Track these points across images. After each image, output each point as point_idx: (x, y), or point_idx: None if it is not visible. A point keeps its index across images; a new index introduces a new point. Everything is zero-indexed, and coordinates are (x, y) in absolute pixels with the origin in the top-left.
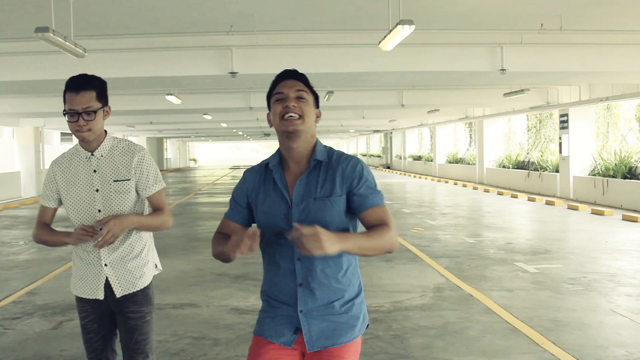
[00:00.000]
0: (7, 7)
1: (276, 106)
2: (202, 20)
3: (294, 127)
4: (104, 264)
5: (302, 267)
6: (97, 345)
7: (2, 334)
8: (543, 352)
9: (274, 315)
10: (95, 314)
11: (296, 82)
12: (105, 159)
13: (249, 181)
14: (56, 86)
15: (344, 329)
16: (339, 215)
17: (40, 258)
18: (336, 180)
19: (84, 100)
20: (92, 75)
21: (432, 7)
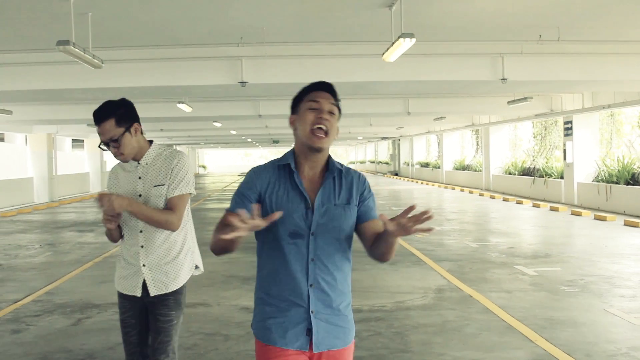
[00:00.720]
0: (27, 20)
1: (308, 114)
2: (213, 32)
3: (321, 144)
4: (142, 264)
5: (314, 267)
6: (133, 340)
7: (25, 329)
8: (535, 348)
9: (284, 320)
10: (134, 310)
11: (331, 97)
12: (150, 166)
13: (262, 178)
14: (73, 95)
15: (344, 332)
16: (351, 222)
17: (57, 261)
18: (352, 191)
19: (106, 131)
20: (110, 103)
21: (433, 20)
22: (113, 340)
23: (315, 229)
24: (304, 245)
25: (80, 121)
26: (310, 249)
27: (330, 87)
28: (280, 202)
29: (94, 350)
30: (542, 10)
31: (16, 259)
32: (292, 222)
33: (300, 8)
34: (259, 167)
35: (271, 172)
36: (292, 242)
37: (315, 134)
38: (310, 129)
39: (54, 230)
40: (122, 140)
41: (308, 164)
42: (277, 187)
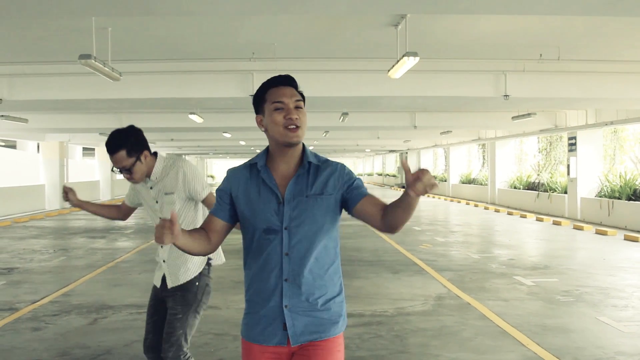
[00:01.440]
0: (50, 34)
1: (276, 115)
2: (226, 47)
3: (298, 138)
4: (163, 260)
5: (289, 261)
6: (149, 327)
7: (44, 327)
8: (527, 351)
9: (259, 316)
10: (154, 300)
11: (293, 91)
12: (159, 179)
13: (233, 180)
14: (89, 105)
15: (327, 324)
16: (327, 212)
17: (70, 265)
18: (328, 181)
19: (118, 161)
20: (120, 134)
21: (437, 39)
22: (128, 338)
23: (289, 223)
24: (278, 240)
25: (93, 130)
26: (284, 243)
27: (288, 79)
28: (252, 200)
29: (110, 347)
30: (542, 31)
31: (31, 262)
32: (265, 219)
33: (309, 26)
34: (234, 169)
35: (243, 172)
36: (267, 237)
37: (290, 129)
38: (283, 127)
39: (66, 236)
40: (134, 168)
41: (283, 160)
42: (248, 185)
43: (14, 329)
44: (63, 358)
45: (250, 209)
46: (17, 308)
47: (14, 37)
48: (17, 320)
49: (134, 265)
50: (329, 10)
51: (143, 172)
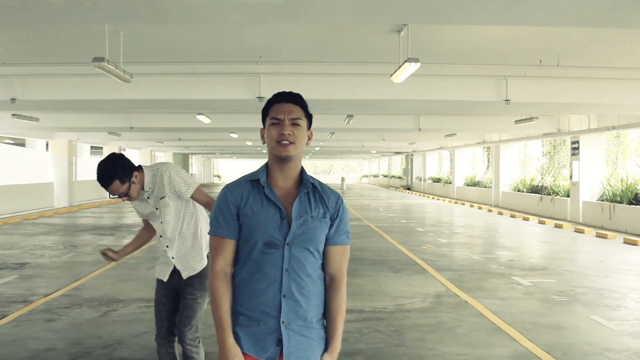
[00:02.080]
0: (64, 37)
1: (271, 130)
2: (234, 51)
3: (287, 152)
4: (172, 257)
5: (289, 278)
6: (162, 315)
7: (57, 319)
8: (518, 347)
9: (255, 329)
10: (165, 291)
11: (293, 107)
12: (152, 188)
13: (235, 193)
14: (100, 105)
15: (315, 346)
16: (324, 234)
17: (80, 261)
18: (327, 207)
19: (114, 191)
20: (108, 166)
21: (439, 45)
22: (138, 330)
23: (292, 240)
24: (279, 255)
25: (101, 129)
26: (285, 259)
27: (292, 97)
28: (256, 214)
29: (121, 338)
30: (541, 38)
31: (42, 258)
32: (267, 233)
33: (315, 31)
34: (232, 184)
35: (244, 187)
36: (267, 251)
37: (281, 144)
38: (275, 141)
39: (75, 233)
40: (130, 191)
41: (281, 176)
42: (250, 200)
43: (28, 320)
44: (76, 347)
45: (253, 222)
46: (31, 300)
47: (28, 39)
48: (31, 312)
49: (142, 261)
50: (333, 18)
51: (138, 189)
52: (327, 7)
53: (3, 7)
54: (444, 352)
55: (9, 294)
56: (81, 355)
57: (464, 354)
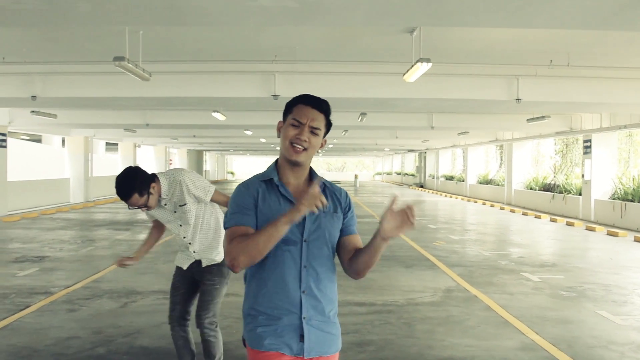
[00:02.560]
0: (85, 37)
1: (289, 130)
2: (250, 50)
3: (297, 158)
4: (193, 251)
5: (307, 274)
6: (176, 299)
7: (78, 309)
8: (525, 339)
9: (276, 327)
10: (183, 277)
11: (317, 115)
12: (169, 195)
13: (252, 189)
14: (119, 102)
15: (333, 339)
16: (337, 229)
17: (98, 255)
18: (336, 203)
19: (134, 203)
20: (126, 180)
21: (450, 45)
22: (157, 320)
23: (308, 236)
24: (297, 252)
25: (117, 126)
26: (303, 255)
27: (317, 102)
28: (273, 212)
29: (141, 327)
30: (551, 38)
31: (61, 252)
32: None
33: (329, 32)
34: (246, 182)
35: (258, 185)
36: (286, 249)
37: (294, 149)
38: (289, 142)
39: (92, 228)
40: (148, 202)
41: (293, 175)
42: (267, 198)
43: (51, 310)
44: (98, 336)
45: (269, 218)
46: (52, 292)
47: (48, 39)
48: (53, 303)
49: (158, 256)
50: (347, 21)
51: (156, 199)
52: (340, 11)
53: (32, 10)
54: (453, 344)
55: (31, 286)
56: (103, 344)
57: (472, 346)
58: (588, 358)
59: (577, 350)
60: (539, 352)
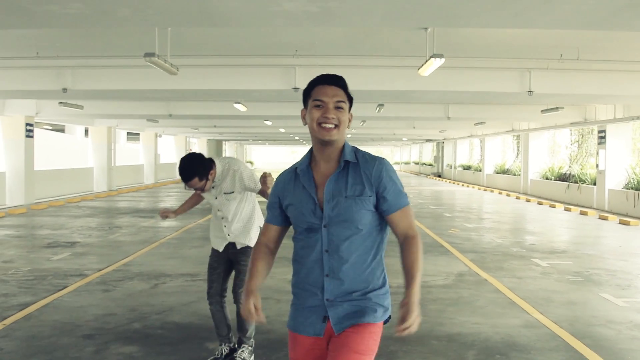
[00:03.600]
0: (114, 33)
1: (314, 112)
2: (272, 45)
3: (330, 136)
4: (227, 234)
5: (329, 258)
6: (213, 277)
7: (112, 289)
8: (529, 318)
9: (303, 308)
10: (219, 258)
11: (336, 90)
12: (220, 181)
13: (280, 185)
14: (145, 94)
15: (365, 311)
16: (366, 212)
17: (127, 240)
18: (364, 182)
19: (192, 185)
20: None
21: (464, 40)
22: (187, 299)
23: (328, 222)
24: (319, 237)
25: (140, 116)
26: (324, 241)
27: (335, 79)
28: (295, 202)
29: (172, 305)
30: (562, 34)
31: (90, 237)
32: (304, 219)
33: (347, 29)
34: (281, 174)
35: (287, 177)
36: (311, 235)
37: (324, 128)
38: (317, 124)
39: (117, 216)
40: (206, 186)
41: (323, 159)
42: (291, 189)
43: (87, 290)
44: (133, 313)
45: (293, 210)
46: (86, 274)
47: (79, 35)
48: (88, 284)
49: (184, 242)
50: (364, 23)
51: (210, 184)
52: (358, 14)
53: (77, 14)
54: (461, 321)
55: (66, 269)
56: (138, 320)
57: (479, 323)
58: (586, 335)
59: (577, 328)
60: (541, 329)
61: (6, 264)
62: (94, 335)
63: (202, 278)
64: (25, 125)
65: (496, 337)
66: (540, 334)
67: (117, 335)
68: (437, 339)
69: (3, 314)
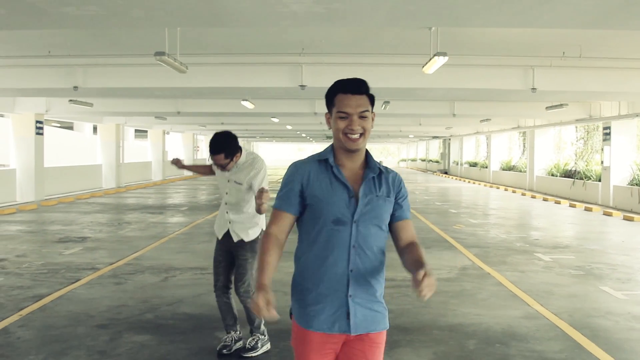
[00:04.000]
0: (124, 32)
1: (339, 122)
2: (279, 44)
3: (356, 146)
4: (228, 221)
5: (356, 254)
6: (218, 270)
7: (124, 282)
8: (529, 309)
9: (324, 306)
10: (222, 251)
11: (360, 100)
12: (238, 169)
13: (302, 171)
14: (153, 92)
15: (380, 318)
16: (388, 213)
17: (137, 236)
18: (389, 186)
19: (217, 160)
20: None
21: (467, 37)
22: (196, 292)
23: (359, 217)
24: (347, 232)
25: (149, 114)
26: (353, 235)
27: (356, 87)
28: (324, 192)
29: (182, 297)
30: (564, 31)
31: (101, 233)
32: (336, 210)
33: (352, 28)
34: (300, 162)
35: (311, 166)
36: (336, 228)
37: (349, 138)
38: (343, 134)
39: (126, 212)
40: (228, 166)
41: (348, 159)
42: (318, 179)
43: (99, 283)
44: (144, 304)
45: (321, 199)
46: (98, 268)
47: (90, 34)
48: (100, 277)
49: (193, 237)
50: (368, 24)
51: (232, 166)
52: (362, 15)
53: (92, 15)
54: (463, 312)
55: (78, 262)
56: (150, 310)
57: (480, 314)
58: (585, 326)
59: (576, 319)
60: (541, 320)
61: (19, 258)
62: (107, 325)
63: (210, 272)
64: (36, 123)
65: (496, 328)
66: (539, 325)
67: (130, 325)
68: (439, 329)
69: (19, 305)
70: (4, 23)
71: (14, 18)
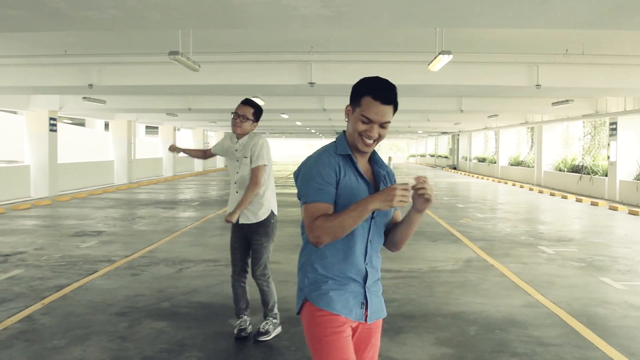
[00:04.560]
0: (137, 31)
1: (359, 124)
2: (289, 42)
3: (369, 149)
4: (236, 191)
5: (370, 247)
6: (236, 256)
7: (140, 273)
8: (530, 299)
9: (343, 292)
10: (237, 237)
11: (387, 110)
12: (245, 143)
13: (333, 163)
14: (165, 90)
15: (383, 304)
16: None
17: (150, 230)
18: (391, 182)
19: (241, 110)
20: (251, 102)
21: (472, 36)
22: (209, 282)
23: (377, 214)
24: (367, 227)
25: (160, 110)
26: (371, 231)
27: (389, 98)
28: (352, 186)
29: (196, 288)
30: (566, 30)
31: (115, 227)
32: None
33: (360, 27)
34: (324, 155)
35: (335, 159)
36: (359, 224)
37: (364, 141)
38: (359, 134)
39: (139, 207)
40: (244, 123)
41: (359, 154)
42: (345, 173)
43: (116, 275)
44: (160, 294)
45: (349, 193)
46: (114, 260)
47: (105, 33)
48: (117, 269)
49: (205, 231)
50: (374, 24)
51: (244, 130)
52: (369, 16)
53: (110, 18)
54: (466, 302)
55: (95, 255)
56: (165, 299)
57: (482, 303)
58: (582, 314)
59: (574, 307)
60: (540, 309)
61: (38, 251)
62: (126, 312)
63: (223, 263)
64: (49, 120)
65: (497, 315)
66: (539, 313)
67: (147, 312)
68: (442, 316)
69: (41, 295)
70: (26, 25)
71: (36, 21)
